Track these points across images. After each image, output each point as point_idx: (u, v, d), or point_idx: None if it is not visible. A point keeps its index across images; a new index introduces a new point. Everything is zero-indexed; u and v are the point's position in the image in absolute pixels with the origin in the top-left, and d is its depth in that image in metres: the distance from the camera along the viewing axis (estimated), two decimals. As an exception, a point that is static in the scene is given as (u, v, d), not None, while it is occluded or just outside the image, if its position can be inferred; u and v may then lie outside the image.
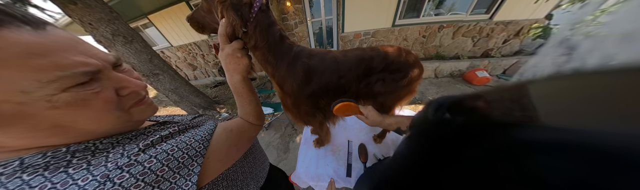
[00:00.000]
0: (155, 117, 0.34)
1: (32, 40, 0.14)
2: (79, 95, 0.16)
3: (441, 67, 2.40)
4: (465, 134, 0.13)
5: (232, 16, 0.32)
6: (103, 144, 0.19)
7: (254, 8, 0.33)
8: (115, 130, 0.21)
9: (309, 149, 0.80)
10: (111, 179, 0.16)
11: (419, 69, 0.49)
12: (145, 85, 0.23)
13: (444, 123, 0.16)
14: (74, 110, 0.16)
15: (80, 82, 0.16)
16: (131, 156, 0.18)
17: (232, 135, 0.29)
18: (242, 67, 0.35)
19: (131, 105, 0.21)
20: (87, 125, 0.18)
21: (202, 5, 0.36)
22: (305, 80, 0.42)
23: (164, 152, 0.19)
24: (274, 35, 0.37)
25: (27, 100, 0.14)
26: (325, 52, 0.43)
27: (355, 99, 0.55)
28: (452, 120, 0.15)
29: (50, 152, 0.16)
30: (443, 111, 0.16)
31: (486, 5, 2.23)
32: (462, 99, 0.16)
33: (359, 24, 2.37)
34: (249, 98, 0.36)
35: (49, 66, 0.15)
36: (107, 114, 0.18)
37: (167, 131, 0.23)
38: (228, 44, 0.35)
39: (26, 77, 0.14)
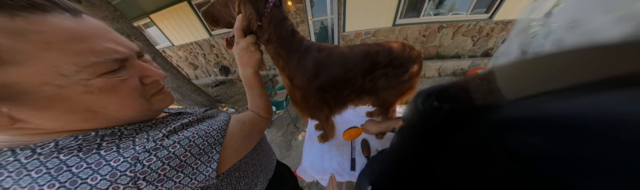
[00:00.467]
0: (168, 109, 0.35)
1: (72, 26, 0.15)
2: (109, 82, 0.17)
3: (444, 66, 2.42)
4: (453, 120, 0.14)
5: (249, 10, 0.33)
6: (128, 130, 0.20)
7: (269, 3, 0.34)
8: (137, 118, 0.22)
9: (313, 144, 0.81)
10: (141, 161, 0.17)
11: (418, 64, 0.51)
12: (165, 75, 0.24)
13: (434, 111, 0.16)
14: (104, 95, 0.17)
15: (112, 69, 0.17)
16: (157, 141, 0.18)
17: (245, 126, 0.30)
18: (254, 60, 0.37)
19: (152, 93, 0.22)
20: (114, 112, 0.19)
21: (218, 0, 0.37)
22: (315, 73, 0.43)
23: (186, 138, 0.20)
24: (287, 30, 0.39)
25: (65, 84, 0.15)
26: (333, 47, 0.45)
27: (359, 94, 0.57)
28: (440, 108, 0.16)
29: (81, 135, 0.17)
30: (431, 100, 0.17)
31: (486, 4, 2.24)
32: (447, 87, 0.17)
33: (360, 24, 2.38)
34: (259, 91, 0.38)
35: (86, 51, 0.16)
36: (132, 101, 0.20)
37: (187, 119, 0.24)
38: (243, 38, 0.36)
39: (66, 60, 0.15)
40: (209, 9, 0.39)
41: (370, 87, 0.54)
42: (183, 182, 0.18)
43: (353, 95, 0.55)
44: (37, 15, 0.14)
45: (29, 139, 0.17)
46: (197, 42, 3.17)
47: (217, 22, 0.40)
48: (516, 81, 0.12)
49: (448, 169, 0.12)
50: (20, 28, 0.13)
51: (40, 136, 0.17)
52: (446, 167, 0.12)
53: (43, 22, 0.14)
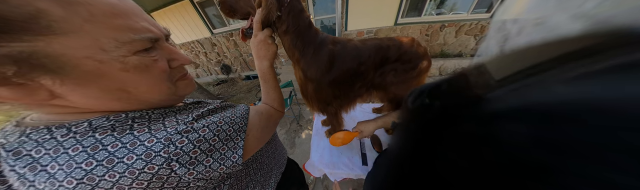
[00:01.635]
0: (184, 100, 0.35)
1: (114, 2, 0.16)
2: (143, 61, 0.17)
3: (446, 64, 2.42)
4: (444, 115, 0.14)
5: (270, 0, 0.33)
6: (155, 114, 0.20)
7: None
8: (163, 101, 0.22)
9: (321, 139, 0.81)
10: (174, 143, 0.17)
11: (427, 61, 0.51)
12: (190, 60, 0.24)
13: (425, 108, 0.17)
14: (138, 74, 0.17)
15: (146, 47, 0.17)
16: (187, 123, 0.19)
17: (263, 117, 0.31)
18: (271, 53, 0.37)
19: (178, 78, 0.22)
20: (144, 93, 0.19)
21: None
22: (329, 66, 0.43)
23: (214, 123, 0.20)
24: (305, 21, 0.39)
25: (105, 59, 0.15)
26: (347, 40, 0.45)
27: (368, 89, 0.57)
28: (432, 104, 0.16)
29: (113, 116, 0.17)
30: (423, 98, 0.17)
31: (486, 5, 2.26)
32: (438, 84, 0.18)
33: (362, 23, 2.39)
34: (273, 84, 0.38)
35: (125, 28, 0.16)
36: (161, 83, 0.20)
37: (212, 106, 0.24)
38: (261, 31, 0.37)
39: (108, 35, 0.15)
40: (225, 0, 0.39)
41: (379, 82, 0.54)
42: (213, 167, 0.19)
43: (363, 89, 0.55)
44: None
45: (61, 117, 0.17)
46: (199, 40, 3.16)
47: (235, 13, 0.40)
48: (502, 67, 0.13)
49: (446, 163, 0.12)
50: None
51: (73, 115, 0.17)
52: (444, 161, 0.13)
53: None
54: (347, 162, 0.67)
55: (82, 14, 0.14)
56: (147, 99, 0.20)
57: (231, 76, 3.48)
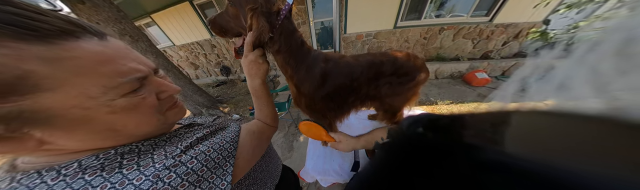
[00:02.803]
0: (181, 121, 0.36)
1: (100, 49, 0.16)
2: (131, 101, 0.17)
3: (442, 68, 2.44)
4: (433, 148, 0.14)
5: (262, 22, 0.34)
6: (144, 146, 0.20)
7: (280, 15, 0.36)
8: (154, 132, 0.22)
9: (316, 148, 0.83)
10: (162, 179, 0.17)
11: (425, 73, 0.53)
12: (179, 89, 0.24)
13: (417, 136, 0.17)
14: (126, 114, 0.17)
15: (134, 88, 0.17)
16: (175, 157, 0.19)
17: (254, 136, 0.31)
18: (262, 72, 0.38)
19: (167, 108, 0.23)
20: (133, 129, 0.19)
21: (227, 10, 0.38)
22: (322, 82, 0.44)
23: (202, 153, 0.21)
24: (297, 41, 0.40)
25: (92, 106, 0.15)
26: (339, 57, 0.46)
27: (363, 101, 0.58)
28: (424, 135, 0.17)
29: (102, 154, 0.17)
30: (417, 126, 0.18)
31: (486, 7, 2.27)
32: (439, 117, 0.18)
33: (361, 25, 2.39)
34: (266, 100, 0.39)
35: (113, 73, 0.16)
36: (150, 117, 0.20)
37: (201, 133, 0.25)
38: (252, 51, 0.37)
39: (95, 83, 0.15)
40: (216, 19, 0.39)
41: (374, 94, 0.55)
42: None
43: (357, 101, 0.57)
44: (70, 41, 0.14)
45: (52, 159, 0.17)
46: (198, 42, 3.16)
47: (225, 33, 0.40)
48: (536, 136, 0.11)
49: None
50: (56, 55, 0.13)
51: (63, 156, 0.17)
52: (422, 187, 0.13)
53: (76, 48, 0.14)
54: (337, 169, 0.70)
55: (70, 69, 0.14)
56: (136, 133, 0.20)
57: (231, 78, 3.49)
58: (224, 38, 0.43)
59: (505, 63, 2.35)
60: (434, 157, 0.14)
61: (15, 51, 0.12)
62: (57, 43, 0.13)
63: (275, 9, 0.35)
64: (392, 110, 0.62)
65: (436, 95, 2.10)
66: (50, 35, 0.13)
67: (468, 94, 2.07)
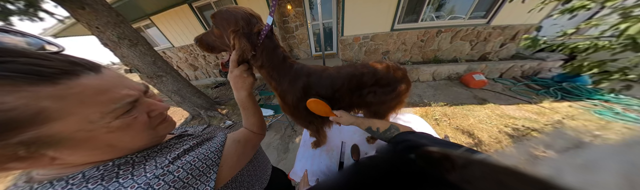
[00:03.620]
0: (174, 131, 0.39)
1: (97, 82, 0.19)
2: (126, 121, 0.20)
3: (439, 70, 2.45)
4: (416, 174, 0.16)
5: (243, 43, 0.37)
6: (138, 158, 0.23)
7: (261, 35, 0.38)
8: (147, 145, 0.25)
9: (306, 151, 0.86)
10: (152, 186, 0.20)
11: (406, 84, 0.54)
12: (168, 107, 0.27)
13: (405, 160, 0.19)
14: (121, 132, 0.20)
15: (127, 110, 0.21)
16: (164, 167, 0.22)
17: (239, 145, 0.34)
18: (247, 84, 0.41)
19: (157, 123, 0.26)
20: (128, 144, 0.22)
21: (212, 31, 0.40)
22: (304, 94, 0.47)
23: (188, 163, 0.24)
24: (278, 57, 0.43)
25: (93, 128, 0.18)
26: (322, 70, 0.48)
27: (350, 108, 0.61)
28: (413, 161, 0.18)
29: (102, 166, 0.20)
30: (410, 152, 0.19)
31: (484, 9, 2.26)
32: (434, 152, 0.19)
33: (358, 28, 2.40)
34: (253, 110, 0.41)
35: (108, 101, 0.19)
36: (143, 133, 0.23)
37: (188, 145, 0.28)
38: (237, 67, 0.40)
39: (94, 110, 0.18)
40: (202, 38, 0.42)
41: (359, 102, 0.58)
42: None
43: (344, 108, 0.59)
44: (72, 80, 0.17)
45: (61, 171, 0.20)
46: (198, 43, 3.19)
47: (212, 50, 0.43)
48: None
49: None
50: (62, 93, 0.16)
51: (70, 169, 0.21)
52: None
53: (78, 84, 0.17)
54: (324, 170, 0.73)
55: (73, 102, 0.17)
56: (131, 147, 0.23)
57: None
58: (211, 54, 0.47)
59: (502, 65, 2.35)
60: (413, 182, 0.15)
61: (32, 93, 0.15)
62: (62, 83, 0.17)
63: (255, 30, 0.37)
64: (377, 117, 0.64)
65: (431, 97, 2.12)
66: (56, 78, 0.16)
67: (464, 95, 2.08)
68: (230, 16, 0.36)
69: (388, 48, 2.58)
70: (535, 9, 1.15)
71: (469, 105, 1.88)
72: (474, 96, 2.06)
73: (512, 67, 2.37)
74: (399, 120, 0.97)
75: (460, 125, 1.58)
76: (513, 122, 1.55)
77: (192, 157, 0.25)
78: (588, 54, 0.86)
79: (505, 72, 2.43)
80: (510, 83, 2.28)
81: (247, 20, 0.37)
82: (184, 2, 2.53)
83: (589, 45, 0.85)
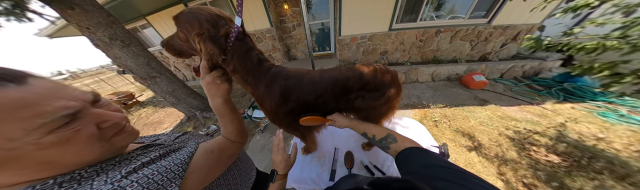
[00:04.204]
0: (140, 138, 0.36)
1: (17, 95, 0.16)
2: (62, 135, 0.18)
3: (438, 70, 2.41)
4: None
5: (209, 47, 0.33)
6: (88, 173, 0.20)
7: (230, 38, 0.35)
8: (100, 158, 0.22)
9: (296, 156, 0.83)
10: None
11: (395, 88, 0.50)
12: (125, 116, 0.25)
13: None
14: (59, 148, 0.18)
15: (62, 123, 0.18)
16: (114, 182, 0.19)
17: (212, 155, 0.31)
18: (222, 91, 0.38)
19: (113, 135, 0.23)
20: (73, 159, 0.19)
21: (177, 35, 0.37)
22: (282, 100, 0.44)
23: (145, 176, 0.21)
24: (252, 60, 0.39)
25: (15, 146, 0.16)
26: (304, 74, 0.45)
27: (340, 112, 0.57)
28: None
29: (39, 185, 0.18)
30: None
31: (485, 8, 2.22)
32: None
33: (356, 28, 2.37)
34: (230, 118, 0.39)
35: (33, 116, 0.16)
36: (91, 146, 0.20)
37: (149, 157, 0.25)
38: (208, 73, 0.37)
39: (13, 127, 0.15)
40: (169, 42, 0.39)
41: (346, 107, 0.54)
42: None
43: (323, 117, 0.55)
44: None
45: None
46: (194, 43, 3.16)
47: (181, 55, 0.40)
48: None
49: None
50: None
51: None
52: None
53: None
54: (314, 178, 0.69)
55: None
56: (79, 162, 0.20)
57: (227, 79, 3.48)
58: (181, 58, 0.44)
59: (503, 65, 2.31)
60: None
61: None
62: None
63: (222, 33, 0.34)
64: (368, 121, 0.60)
65: (430, 98, 2.08)
66: None
67: (464, 96, 2.04)
68: (192, 18, 0.33)
69: (386, 48, 2.54)
70: (537, 8, 1.11)
71: (469, 106, 1.84)
72: (475, 97, 2.02)
73: (512, 67, 2.33)
74: (396, 125, 0.93)
75: (460, 127, 1.54)
76: (514, 124, 1.51)
77: (151, 170, 0.23)
78: (597, 55, 0.81)
79: (506, 73, 2.38)
80: (511, 83, 2.24)
81: (213, 22, 0.34)
82: (180, 2, 2.51)
83: (596, 46, 0.79)
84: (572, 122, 1.43)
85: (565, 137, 1.30)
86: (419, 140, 0.37)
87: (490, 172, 1.10)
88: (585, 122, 1.46)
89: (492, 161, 1.18)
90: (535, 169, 1.08)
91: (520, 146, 1.27)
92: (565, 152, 1.17)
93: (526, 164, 1.11)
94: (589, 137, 1.30)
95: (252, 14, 2.45)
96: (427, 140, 0.81)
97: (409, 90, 2.30)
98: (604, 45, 0.77)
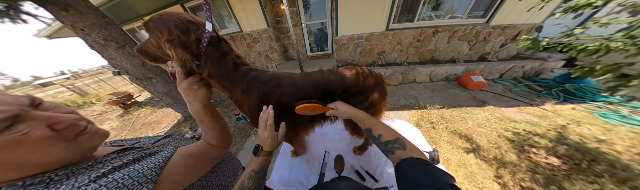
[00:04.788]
0: (121, 142, 0.36)
1: None
2: (9, 139, 0.18)
3: (436, 71, 2.38)
4: None
5: (181, 53, 0.33)
6: (58, 176, 0.20)
7: (202, 43, 0.34)
8: (69, 159, 0.22)
9: (286, 159, 0.81)
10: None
11: (379, 92, 0.48)
12: (81, 118, 0.24)
13: None
14: (12, 151, 0.18)
15: (4, 127, 0.18)
16: (82, 187, 0.19)
17: (191, 160, 0.31)
18: (200, 97, 0.38)
19: (76, 135, 0.23)
20: (38, 159, 0.20)
21: (150, 41, 0.36)
22: (261, 104, 0.42)
23: (115, 181, 0.21)
24: (227, 65, 0.39)
25: None
26: (284, 77, 0.44)
27: (324, 118, 0.56)
28: None
29: (5, 188, 0.18)
30: None
31: (483, 8, 2.19)
32: None
33: (353, 28, 2.35)
34: (211, 124, 0.38)
35: None
36: (52, 147, 0.20)
37: (122, 162, 0.25)
38: (185, 79, 0.37)
39: None
40: (143, 48, 0.38)
41: None
42: None
43: (315, 119, 0.54)
44: None
45: None
46: (193, 44, 3.16)
47: (157, 60, 0.40)
48: None
49: None
50: None
51: None
52: None
53: None
54: (303, 181, 0.68)
55: None
56: (43, 163, 0.20)
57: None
58: (156, 64, 0.44)
59: (503, 66, 2.28)
60: None
61: None
62: None
63: (193, 38, 0.33)
64: (356, 129, 0.59)
65: (427, 99, 2.05)
66: None
67: (462, 98, 2.01)
68: (161, 25, 0.32)
69: (384, 48, 2.52)
70: (536, 8, 1.08)
71: (467, 107, 1.82)
72: (473, 98, 1.99)
73: (512, 68, 2.30)
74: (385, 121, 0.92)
75: (458, 129, 1.51)
76: (514, 126, 1.48)
77: (123, 174, 0.23)
78: (599, 57, 0.76)
79: (506, 73, 2.35)
80: (511, 84, 2.21)
81: (183, 28, 0.33)
82: (177, 3, 2.51)
83: (599, 47, 0.74)
84: (574, 125, 1.40)
85: (566, 139, 1.28)
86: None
87: (488, 175, 1.08)
88: (586, 124, 1.43)
89: (491, 164, 1.15)
90: (534, 172, 1.05)
91: (519, 148, 1.25)
92: (566, 154, 1.14)
93: (526, 167, 1.09)
94: (590, 139, 1.27)
95: (248, 15, 2.45)
96: (421, 145, 0.79)
97: (407, 91, 2.27)
98: (608, 46, 0.73)
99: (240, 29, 2.71)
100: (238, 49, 3.04)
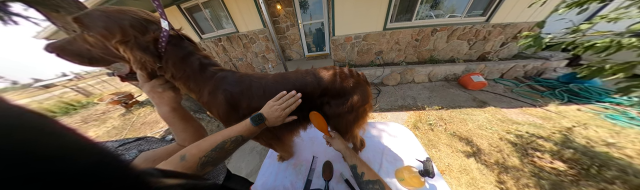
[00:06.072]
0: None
1: None
2: None
3: (435, 71, 2.33)
4: None
5: (139, 55, 0.29)
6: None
7: (161, 43, 0.31)
8: None
9: (272, 163, 0.77)
10: None
11: (358, 95, 0.43)
12: None
13: None
14: None
15: None
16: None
17: (154, 165, 0.29)
18: (166, 100, 0.36)
19: None
20: None
21: (86, 40, 0.30)
22: (230, 107, 0.38)
23: None
24: (192, 65, 0.35)
25: None
26: (256, 78, 0.40)
27: (304, 120, 0.51)
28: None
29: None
30: None
31: (482, 6, 2.15)
32: None
33: (350, 28, 2.32)
34: (181, 126, 0.37)
35: None
36: None
37: None
38: (148, 82, 0.35)
39: None
40: (66, 47, 0.30)
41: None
42: None
43: (296, 123, 0.49)
44: None
45: None
46: (190, 45, 3.17)
47: (94, 63, 0.33)
48: None
49: None
50: None
51: None
52: None
53: None
54: (288, 186, 0.63)
55: None
56: None
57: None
58: (92, 67, 0.37)
59: (503, 65, 2.22)
60: None
61: None
62: None
63: (149, 38, 0.30)
64: (340, 131, 0.54)
65: (425, 100, 1.99)
66: None
67: (462, 98, 1.95)
68: (111, 23, 0.28)
69: (381, 48, 2.48)
70: (537, 3, 1.01)
71: (467, 108, 1.75)
72: (473, 98, 1.93)
73: (513, 67, 2.23)
74: (383, 132, 0.86)
75: (457, 131, 1.45)
76: (516, 127, 1.42)
77: None
78: (609, 54, 0.68)
79: (507, 73, 2.29)
80: (512, 84, 2.14)
81: (140, 27, 0.29)
82: (172, 4, 2.51)
83: (609, 44, 0.67)
84: (580, 127, 1.33)
85: (572, 142, 1.21)
86: (407, 151, 0.32)
87: (489, 180, 1.02)
88: (593, 126, 1.36)
89: (492, 168, 1.09)
90: (538, 178, 0.99)
91: (522, 152, 1.18)
92: (572, 158, 1.08)
93: (529, 172, 1.02)
94: (598, 142, 1.20)
95: (244, 15, 2.44)
96: (416, 150, 0.74)
97: (404, 91, 2.22)
98: (619, 43, 0.65)
99: (236, 29, 2.70)
100: (234, 50, 3.03)
